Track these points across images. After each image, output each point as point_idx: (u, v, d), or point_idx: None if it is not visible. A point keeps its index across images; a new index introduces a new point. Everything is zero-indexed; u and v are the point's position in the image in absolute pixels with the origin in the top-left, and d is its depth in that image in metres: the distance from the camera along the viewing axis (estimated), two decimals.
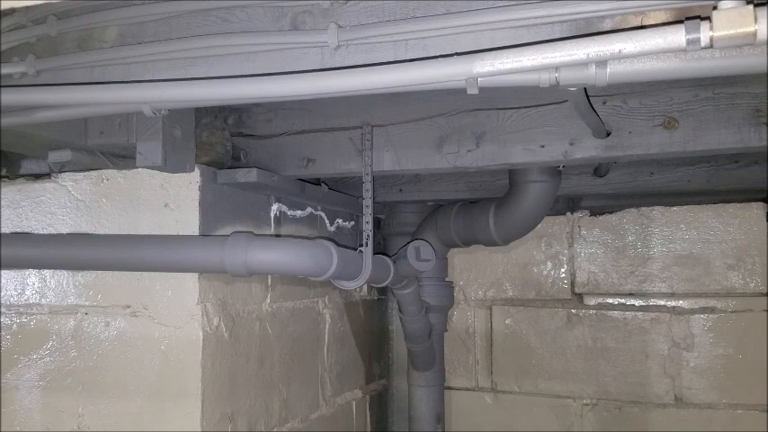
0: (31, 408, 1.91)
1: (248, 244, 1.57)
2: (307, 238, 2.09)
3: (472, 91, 1.13)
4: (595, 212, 2.95)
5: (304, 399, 2.35)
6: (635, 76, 1.11)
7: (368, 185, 1.96)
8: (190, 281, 1.78)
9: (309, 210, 2.36)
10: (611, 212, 2.92)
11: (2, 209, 1.96)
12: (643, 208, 2.87)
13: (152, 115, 1.38)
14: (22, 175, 2.03)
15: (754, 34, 0.92)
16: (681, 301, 2.83)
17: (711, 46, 0.96)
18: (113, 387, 1.83)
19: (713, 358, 2.76)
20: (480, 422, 3.10)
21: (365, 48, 1.23)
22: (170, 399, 1.78)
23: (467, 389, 3.13)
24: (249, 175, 1.85)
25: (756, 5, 0.92)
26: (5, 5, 1.08)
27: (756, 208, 2.73)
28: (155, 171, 1.74)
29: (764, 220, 2.72)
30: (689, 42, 0.96)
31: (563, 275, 2.98)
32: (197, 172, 1.79)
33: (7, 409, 1.93)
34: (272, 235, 2.12)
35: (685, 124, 1.70)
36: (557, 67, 1.09)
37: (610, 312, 2.91)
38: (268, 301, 2.12)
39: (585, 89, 1.49)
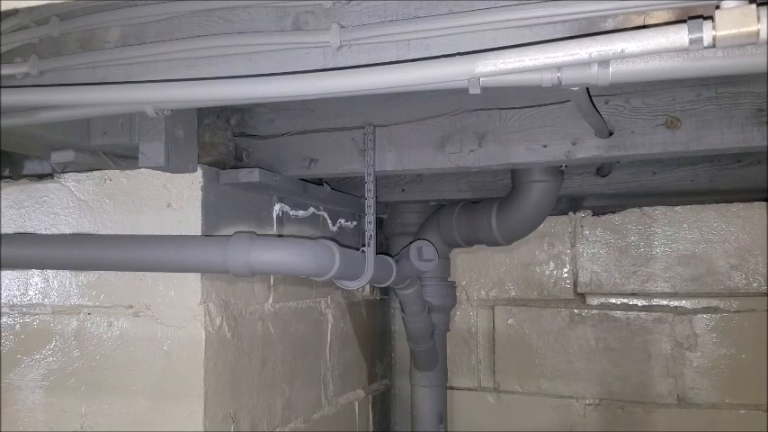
0: (34, 408, 1.91)
1: (251, 244, 1.57)
2: (309, 238, 2.09)
3: (474, 91, 1.13)
4: (598, 212, 2.95)
5: (306, 399, 2.35)
6: (637, 76, 1.11)
7: (370, 185, 1.96)
8: (192, 281, 1.78)
9: (312, 210, 2.36)
10: (613, 212, 2.92)
11: (6, 209, 1.97)
12: (645, 208, 2.87)
13: (155, 116, 1.38)
14: (25, 176, 2.04)
15: (757, 33, 0.92)
16: (684, 301, 2.82)
17: (714, 45, 0.96)
18: (116, 387, 1.83)
19: (716, 358, 2.76)
20: (483, 422, 3.09)
21: (367, 48, 1.23)
22: (173, 399, 1.78)
23: (469, 389, 3.13)
24: (252, 176, 1.85)
25: (759, 5, 0.92)
26: (8, 6, 1.08)
27: (759, 208, 2.72)
28: (157, 171, 1.74)
29: (767, 219, 2.71)
30: (691, 42, 0.96)
31: (565, 275, 2.98)
32: (199, 172, 1.79)
33: (10, 409, 1.93)
34: (274, 235, 2.12)
35: (688, 124, 1.70)
36: (559, 67, 1.09)
37: (612, 312, 2.91)
38: (270, 301, 2.13)
39: (588, 89, 1.49)
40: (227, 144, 2.03)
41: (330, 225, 2.51)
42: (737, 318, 2.75)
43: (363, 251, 1.92)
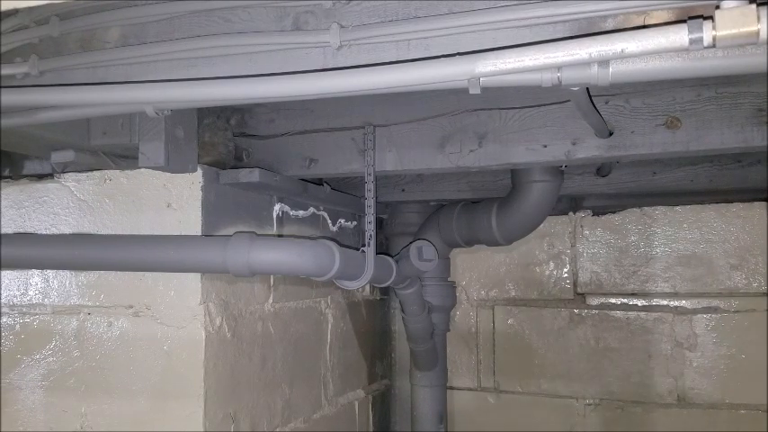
0: (34, 408, 1.91)
1: (251, 244, 1.57)
2: (309, 238, 2.09)
3: (474, 91, 1.13)
4: (598, 212, 2.95)
5: (306, 399, 2.35)
6: (637, 76, 1.11)
7: (370, 185, 1.96)
8: (192, 281, 1.78)
9: (312, 210, 2.36)
10: (613, 212, 2.92)
11: (6, 209, 1.97)
12: (645, 208, 2.87)
13: (155, 116, 1.38)
14: (25, 176, 2.04)
15: (757, 33, 0.92)
16: (684, 301, 2.82)
17: (714, 45, 0.96)
18: (116, 387, 1.83)
19: (716, 358, 2.76)
20: (483, 422, 3.09)
21: (367, 48, 1.23)
22: (173, 399, 1.78)
23: (469, 389, 3.13)
24: (252, 176, 1.85)
25: (759, 5, 0.92)
26: (8, 6, 1.08)
27: (759, 207, 2.72)
28: (157, 171, 1.74)
29: (767, 219, 2.71)
30: (691, 42, 0.96)
31: (565, 275, 2.98)
32: (199, 172, 1.79)
33: (10, 409, 1.93)
34: (274, 235, 2.12)
35: (688, 124, 1.70)
36: (559, 67, 1.09)
37: (612, 312, 2.91)
38: (270, 301, 2.13)
39: (588, 89, 1.49)
40: (227, 144, 2.03)
41: (330, 225, 2.51)
42: (737, 318, 2.75)
43: (363, 251, 1.92)
